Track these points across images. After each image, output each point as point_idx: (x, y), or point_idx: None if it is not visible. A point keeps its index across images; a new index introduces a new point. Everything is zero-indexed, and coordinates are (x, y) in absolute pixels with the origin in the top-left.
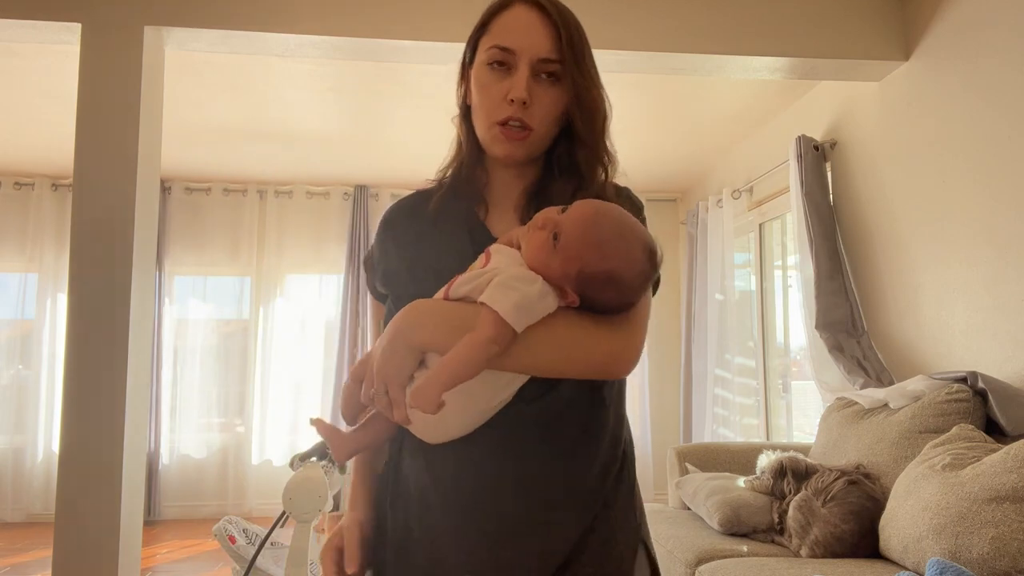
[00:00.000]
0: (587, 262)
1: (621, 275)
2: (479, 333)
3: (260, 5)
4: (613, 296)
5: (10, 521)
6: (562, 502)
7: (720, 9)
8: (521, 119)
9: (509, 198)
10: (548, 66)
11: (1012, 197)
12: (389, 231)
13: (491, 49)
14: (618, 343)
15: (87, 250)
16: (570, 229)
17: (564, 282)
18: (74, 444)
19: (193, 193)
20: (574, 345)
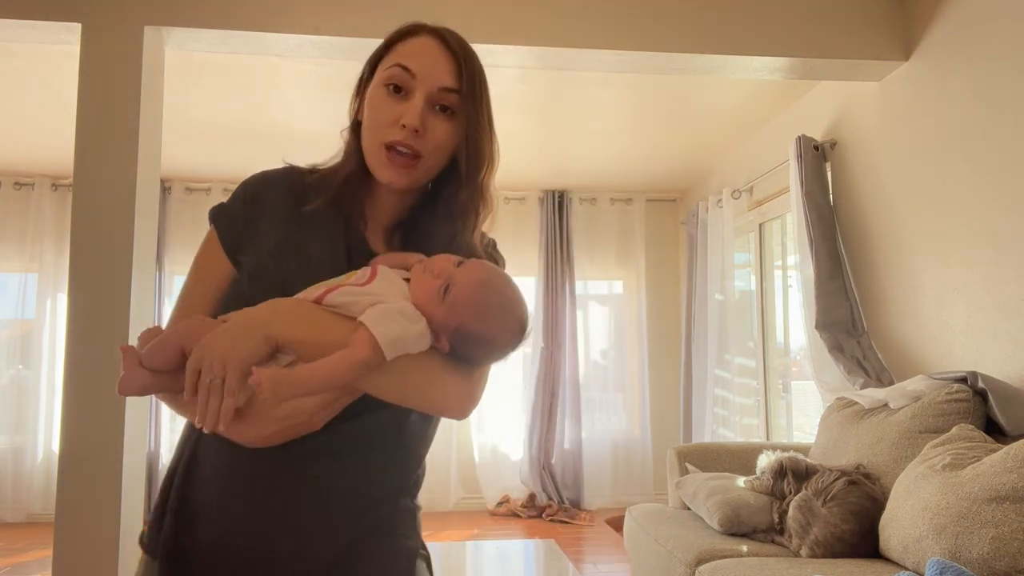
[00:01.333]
0: (467, 322)
1: (493, 340)
2: (354, 353)
3: (260, 5)
4: (479, 354)
5: (10, 521)
6: (349, 508)
7: (720, 9)
8: (411, 146)
9: (385, 216)
10: (445, 96)
11: (1012, 197)
12: (261, 198)
13: (392, 68)
14: (466, 391)
15: (87, 250)
16: (462, 288)
17: (442, 331)
18: (74, 444)
19: (193, 193)
20: (429, 383)
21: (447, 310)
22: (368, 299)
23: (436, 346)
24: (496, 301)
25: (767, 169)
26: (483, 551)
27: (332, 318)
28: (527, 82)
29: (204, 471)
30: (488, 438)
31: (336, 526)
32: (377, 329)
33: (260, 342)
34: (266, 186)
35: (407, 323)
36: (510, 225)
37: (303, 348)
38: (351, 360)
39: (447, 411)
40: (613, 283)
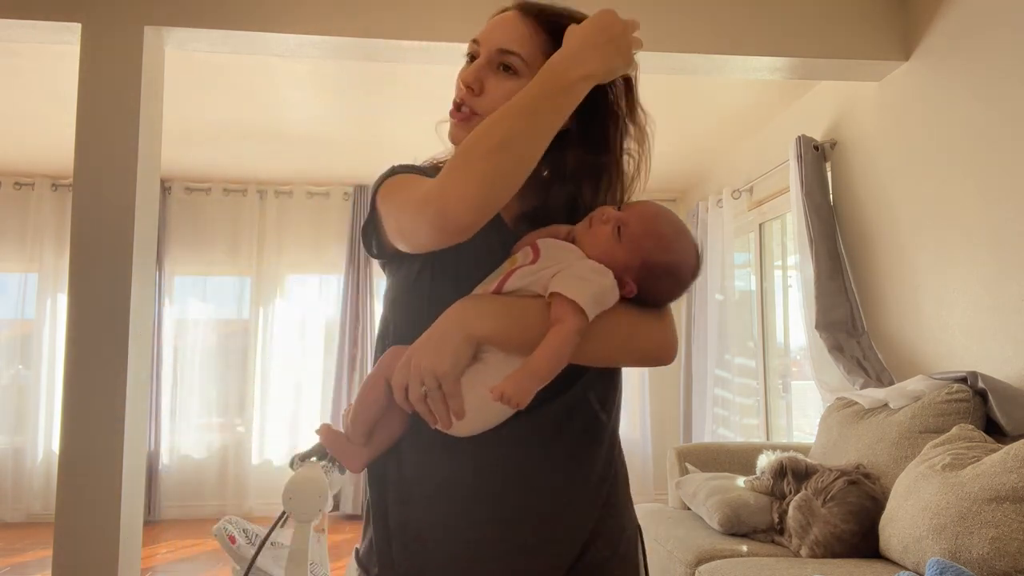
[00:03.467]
0: (651, 253)
1: (679, 268)
2: (563, 325)
3: (260, 5)
4: (668, 288)
5: (10, 521)
6: (575, 494)
7: (720, 9)
8: (467, 103)
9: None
10: (506, 57)
11: (1012, 197)
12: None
13: (468, 44)
14: (668, 334)
15: (87, 250)
16: (634, 223)
17: (626, 272)
18: (74, 444)
19: (193, 193)
20: (633, 336)
21: (628, 248)
22: (548, 271)
23: (623, 293)
24: (672, 228)
25: (767, 169)
26: None
27: (522, 302)
28: None
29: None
30: None
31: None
32: (573, 293)
33: (462, 344)
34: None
35: (598, 277)
36: None
37: (502, 338)
38: (565, 333)
39: (656, 358)
40: None
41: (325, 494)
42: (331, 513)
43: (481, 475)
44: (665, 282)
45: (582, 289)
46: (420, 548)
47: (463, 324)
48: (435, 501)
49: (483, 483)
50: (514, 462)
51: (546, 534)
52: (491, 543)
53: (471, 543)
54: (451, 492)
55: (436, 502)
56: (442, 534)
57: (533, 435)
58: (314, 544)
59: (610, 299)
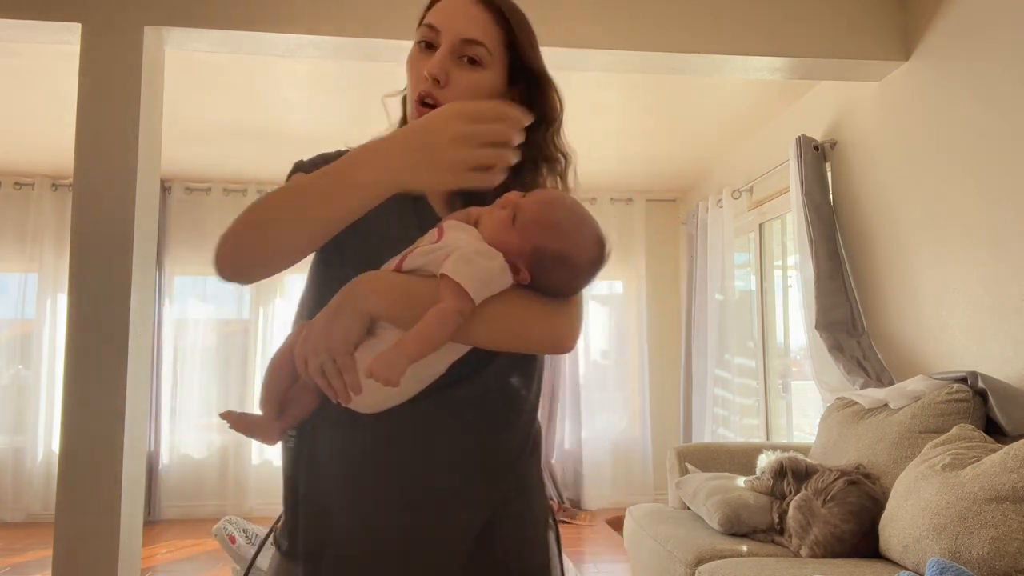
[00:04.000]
0: (542, 240)
1: (572, 257)
2: (445, 305)
3: (260, 5)
4: (563, 277)
5: (10, 521)
6: (482, 476)
7: (720, 9)
8: (434, 96)
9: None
10: (470, 48)
11: (1012, 197)
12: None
13: (420, 28)
14: (564, 324)
15: (87, 250)
16: (529, 209)
17: (519, 259)
18: (74, 444)
19: (193, 193)
20: (526, 322)
21: (519, 234)
22: (443, 252)
23: (517, 280)
24: (567, 215)
25: (767, 169)
26: None
27: (416, 280)
28: None
29: (328, 464)
30: None
31: (473, 496)
32: (458, 274)
33: (354, 319)
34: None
35: (485, 261)
36: None
37: (394, 315)
38: (443, 312)
39: (549, 346)
40: (613, 283)
41: None
42: None
43: (384, 451)
44: (559, 271)
45: (467, 272)
46: (324, 522)
47: (355, 299)
48: (340, 476)
49: (386, 459)
50: (418, 440)
51: (447, 514)
52: (393, 519)
53: (373, 518)
54: (355, 467)
55: (341, 477)
56: (345, 508)
57: (440, 414)
58: None
59: (498, 283)
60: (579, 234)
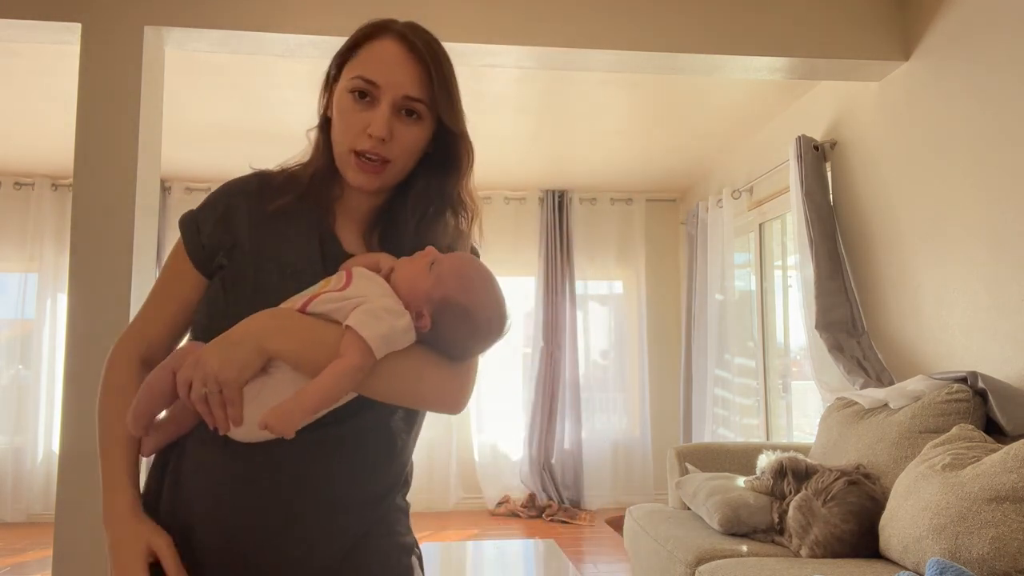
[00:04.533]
0: (453, 292)
1: (476, 315)
2: (347, 360)
3: (260, 5)
4: (462, 333)
5: (10, 521)
6: (349, 508)
7: (720, 9)
8: (379, 153)
9: (358, 213)
10: (411, 104)
11: (1012, 197)
12: (233, 205)
13: (355, 79)
14: (457, 385)
15: (87, 250)
16: (447, 262)
17: (425, 304)
18: (74, 444)
19: (193, 193)
20: (421, 379)
21: (433, 281)
22: (351, 302)
23: (418, 326)
24: (481, 277)
25: (767, 169)
26: (483, 551)
27: (321, 325)
28: (527, 82)
29: (194, 483)
30: (488, 438)
31: (339, 525)
32: (364, 330)
33: (253, 355)
34: (237, 193)
35: (392, 319)
36: (510, 225)
37: (295, 358)
38: (345, 368)
39: (440, 406)
40: (613, 283)
41: None
42: None
43: (256, 477)
44: (460, 325)
45: (374, 327)
46: (185, 538)
47: (259, 336)
48: (206, 495)
49: (256, 485)
50: (291, 470)
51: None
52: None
53: (236, 541)
54: (223, 488)
55: (207, 496)
56: (207, 527)
57: (317, 450)
58: None
59: (400, 340)
60: (488, 295)
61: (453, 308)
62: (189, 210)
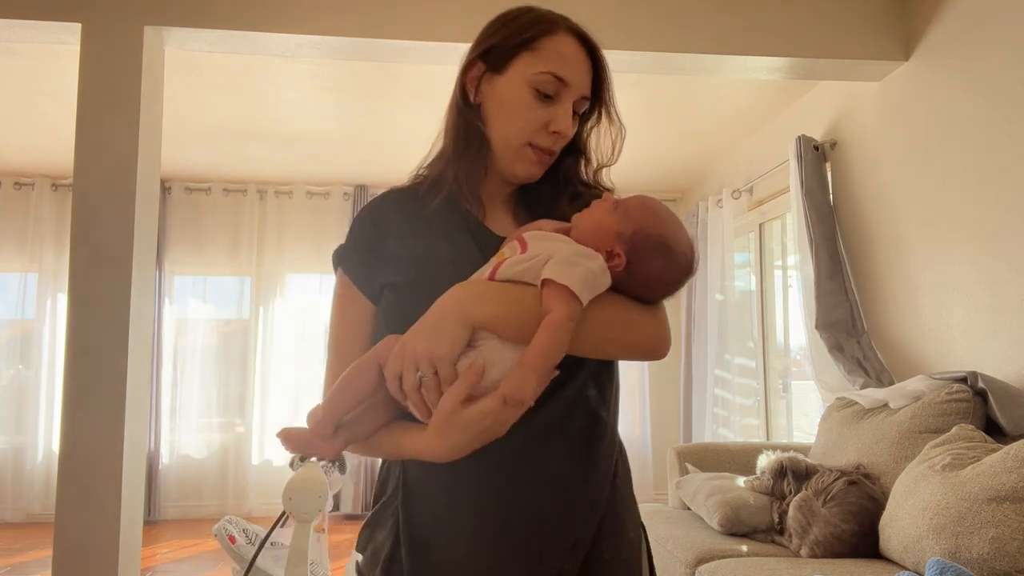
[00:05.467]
0: (644, 224)
1: (671, 246)
2: (557, 312)
3: (260, 5)
4: (658, 267)
5: (10, 521)
6: (578, 497)
7: (720, 9)
8: (553, 151)
9: (500, 198)
10: (582, 104)
11: (1012, 197)
12: (378, 224)
13: (543, 75)
14: (661, 328)
15: (87, 250)
16: (632, 200)
17: (617, 242)
18: (74, 444)
19: (193, 193)
20: (628, 327)
21: (621, 216)
22: (539, 259)
23: (612, 265)
24: (668, 211)
25: (767, 169)
26: None
27: (516, 288)
28: None
29: (422, 500)
30: None
31: (570, 521)
32: (564, 279)
33: (459, 327)
34: (378, 211)
35: (587, 261)
36: None
37: (501, 323)
38: (559, 320)
39: (648, 351)
40: None
41: (325, 494)
42: (331, 513)
43: (484, 479)
44: (657, 259)
45: (572, 274)
46: (424, 553)
47: (460, 308)
48: (439, 507)
49: (486, 487)
50: (516, 464)
51: (549, 536)
52: (494, 546)
53: (475, 547)
54: (453, 498)
55: (440, 508)
56: (447, 541)
57: (533, 435)
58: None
59: (600, 282)
60: (679, 229)
61: (647, 240)
62: (339, 244)
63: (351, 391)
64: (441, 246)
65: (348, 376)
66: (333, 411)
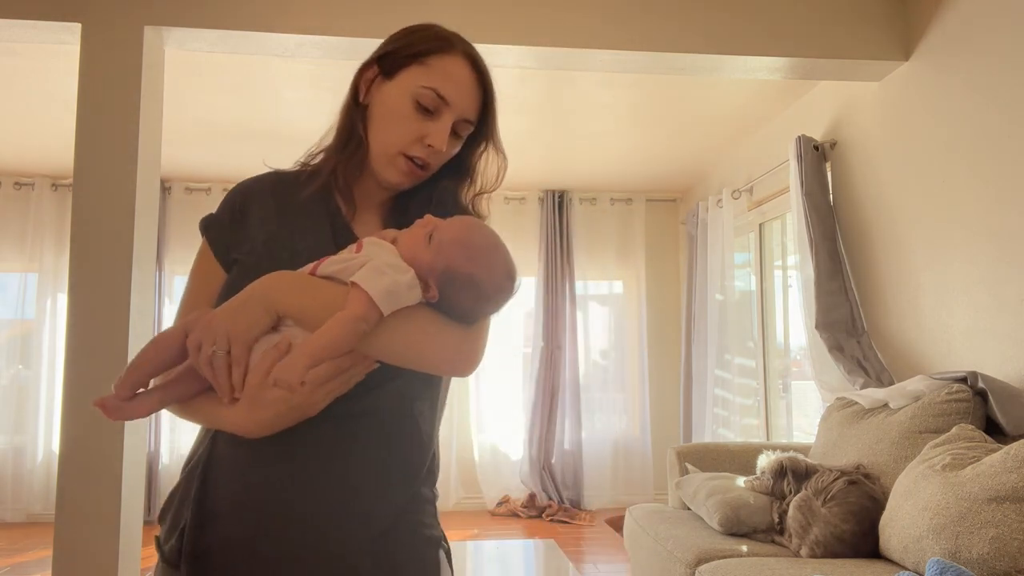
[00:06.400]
0: (454, 261)
1: (481, 282)
2: (348, 311)
3: (260, 5)
4: (469, 300)
5: (10, 521)
6: (372, 494)
7: (720, 9)
8: (427, 161)
9: (373, 202)
10: (464, 126)
11: (1012, 197)
12: (248, 201)
13: (426, 89)
14: (466, 346)
15: (87, 250)
16: (446, 230)
17: (430, 276)
18: (74, 444)
19: (193, 193)
20: (428, 339)
21: (434, 252)
22: (357, 262)
23: (425, 297)
24: (482, 242)
25: (767, 169)
26: (483, 551)
27: (328, 285)
28: (527, 82)
29: (222, 472)
30: (488, 438)
31: (362, 512)
32: (368, 284)
33: (262, 313)
34: (251, 189)
35: (396, 274)
36: (510, 225)
37: (304, 315)
38: (348, 318)
39: (449, 367)
40: (613, 283)
41: None
42: None
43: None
44: (466, 293)
45: (377, 281)
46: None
47: (267, 294)
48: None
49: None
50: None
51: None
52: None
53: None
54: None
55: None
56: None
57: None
58: None
59: (406, 296)
60: (491, 261)
61: (458, 278)
62: (208, 213)
63: (154, 355)
64: (299, 236)
65: (154, 341)
66: (134, 374)
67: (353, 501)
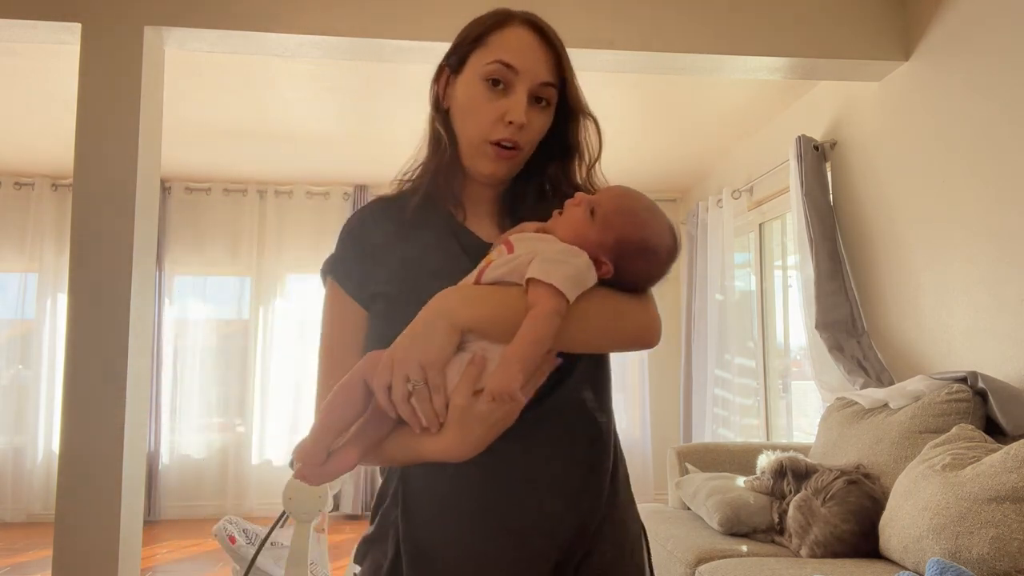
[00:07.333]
0: (624, 231)
1: (653, 245)
2: (541, 308)
3: (260, 5)
4: (645, 266)
5: (10, 521)
6: (580, 495)
7: (720, 9)
8: (515, 141)
9: (483, 203)
10: (544, 91)
11: (1012, 196)
12: (365, 233)
13: (492, 64)
14: (649, 316)
15: (87, 250)
16: (606, 203)
17: (600, 251)
18: (74, 444)
19: (193, 193)
20: (615, 317)
21: (600, 227)
22: (524, 259)
23: (600, 274)
24: (643, 205)
25: (767, 169)
26: None
27: (503, 290)
28: None
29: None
30: None
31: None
32: (550, 277)
33: (448, 333)
34: (364, 221)
35: (571, 257)
36: None
37: (488, 326)
38: (542, 315)
39: (639, 340)
40: None
41: (325, 494)
42: (331, 513)
43: (485, 485)
44: (641, 260)
45: (556, 271)
46: (426, 563)
47: (447, 313)
48: (441, 516)
49: (487, 493)
50: (517, 468)
51: (551, 538)
52: (499, 554)
53: (476, 552)
54: (456, 506)
55: (442, 517)
56: (449, 549)
57: (530, 438)
58: (314, 544)
59: (587, 279)
60: (657, 223)
61: (631, 247)
62: (328, 258)
63: (339, 412)
64: (430, 252)
65: (334, 398)
66: (325, 436)
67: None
